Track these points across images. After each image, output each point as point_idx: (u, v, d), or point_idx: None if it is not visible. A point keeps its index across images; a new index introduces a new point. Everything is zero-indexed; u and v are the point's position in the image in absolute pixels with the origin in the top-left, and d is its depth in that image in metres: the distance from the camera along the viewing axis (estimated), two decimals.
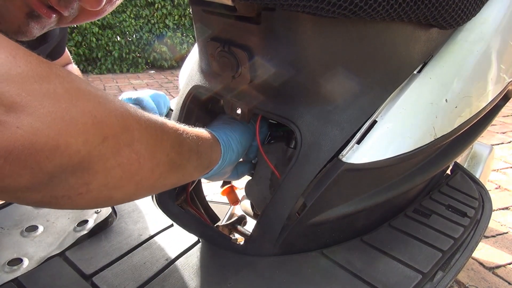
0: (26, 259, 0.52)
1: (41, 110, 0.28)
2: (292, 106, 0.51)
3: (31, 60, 0.29)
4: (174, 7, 4.42)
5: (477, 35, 0.58)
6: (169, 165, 0.40)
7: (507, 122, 2.56)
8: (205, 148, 0.48)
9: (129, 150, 0.34)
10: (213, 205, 0.77)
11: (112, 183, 0.34)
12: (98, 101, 0.32)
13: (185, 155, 0.43)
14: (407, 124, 0.52)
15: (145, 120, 0.37)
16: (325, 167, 0.50)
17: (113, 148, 0.33)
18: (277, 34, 0.46)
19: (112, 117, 0.33)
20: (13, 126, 0.26)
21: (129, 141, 0.34)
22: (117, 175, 0.34)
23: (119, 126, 0.33)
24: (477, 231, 0.58)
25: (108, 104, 0.33)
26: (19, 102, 0.27)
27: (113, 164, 0.33)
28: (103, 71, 4.31)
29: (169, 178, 0.42)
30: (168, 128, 0.41)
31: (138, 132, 0.35)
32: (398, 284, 0.47)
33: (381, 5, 0.41)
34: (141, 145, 0.36)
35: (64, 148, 0.29)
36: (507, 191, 1.63)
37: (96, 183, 0.33)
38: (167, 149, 0.40)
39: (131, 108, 0.36)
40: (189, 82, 0.62)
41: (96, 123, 0.31)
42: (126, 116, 0.34)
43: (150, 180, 0.38)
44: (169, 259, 0.52)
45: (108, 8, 0.54)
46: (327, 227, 0.54)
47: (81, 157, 0.30)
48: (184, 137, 0.43)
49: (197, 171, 0.48)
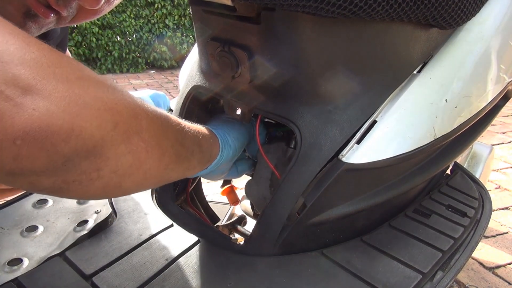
0: (26, 259, 0.52)
1: (56, 94, 0.28)
2: (292, 106, 0.51)
3: (43, 48, 0.30)
4: (174, 7, 4.42)
5: (477, 35, 0.58)
6: (175, 156, 0.41)
7: (507, 122, 2.56)
8: (206, 142, 0.49)
9: (138, 138, 0.35)
10: (213, 205, 0.77)
11: (122, 170, 0.35)
12: (107, 89, 0.33)
13: (188, 148, 0.44)
14: (407, 124, 0.52)
15: (151, 111, 0.38)
16: (325, 167, 0.50)
17: (123, 134, 0.34)
18: (277, 34, 0.46)
19: (121, 105, 0.34)
20: (29, 108, 0.27)
21: (138, 129, 0.35)
22: (128, 162, 0.35)
23: (129, 114, 0.34)
24: (477, 231, 0.58)
25: (117, 93, 0.34)
26: (34, 85, 0.27)
27: (124, 151, 0.34)
28: (103, 71, 4.31)
29: (175, 169, 0.43)
30: (172, 121, 0.42)
31: (145, 121, 0.36)
32: (398, 284, 0.47)
33: (381, 5, 0.41)
34: (149, 134, 0.37)
35: (78, 131, 0.30)
36: (507, 191, 1.63)
37: (107, 169, 0.34)
38: (172, 140, 0.41)
39: (138, 99, 0.37)
40: (189, 82, 0.62)
41: (108, 109, 0.32)
42: (134, 105, 0.35)
43: (157, 170, 0.39)
44: (169, 259, 0.52)
45: (106, 7, 0.54)
46: (327, 227, 0.54)
47: (95, 142, 0.31)
48: (187, 130, 0.45)
49: (200, 165, 0.49)
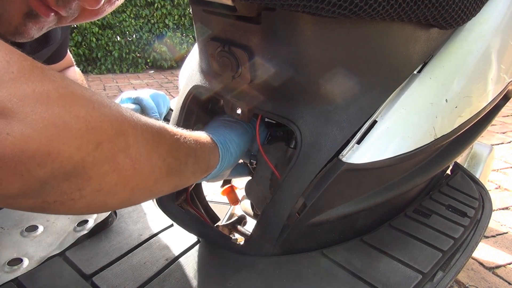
0: (26, 259, 0.52)
1: (33, 116, 0.27)
2: (292, 106, 0.51)
3: (25, 65, 0.28)
4: (174, 7, 4.42)
5: (477, 35, 0.58)
6: (166, 170, 0.40)
7: (507, 122, 2.56)
8: (203, 152, 0.48)
9: (124, 155, 0.34)
10: (213, 205, 0.76)
11: (107, 188, 0.34)
12: (92, 106, 0.31)
13: (182, 160, 0.42)
14: (407, 124, 0.52)
15: (141, 125, 0.36)
16: (325, 167, 0.50)
17: (107, 153, 0.32)
18: (277, 34, 0.46)
19: (107, 122, 0.32)
20: (3, 132, 0.26)
21: (124, 146, 0.34)
22: (112, 181, 0.34)
23: (114, 131, 0.33)
24: (477, 231, 0.58)
25: (103, 109, 0.32)
26: (10, 108, 0.26)
27: (107, 170, 0.33)
28: (103, 71, 4.31)
29: (166, 183, 0.41)
30: (166, 132, 0.40)
31: (133, 137, 0.35)
32: (398, 284, 0.47)
33: (381, 5, 0.41)
34: (137, 151, 0.35)
35: (56, 155, 0.28)
36: (507, 191, 1.63)
37: (89, 188, 0.32)
38: (164, 154, 0.39)
39: (127, 113, 0.35)
40: (189, 82, 0.62)
41: (90, 129, 0.30)
42: (121, 121, 0.34)
43: (145, 186, 0.38)
44: (169, 259, 0.52)
45: (107, 8, 0.54)
46: (327, 227, 0.54)
47: (74, 164, 0.30)
48: (182, 141, 0.43)
49: (195, 176, 0.47)
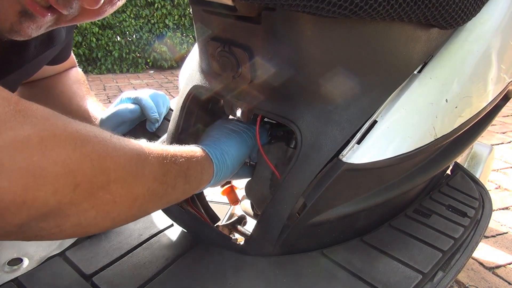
0: (26, 259, 0.52)
1: (11, 167, 0.26)
2: (292, 106, 0.51)
3: (7, 111, 0.27)
4: (174, 7, 4.42)
5: (477, 35, 0.58)
6: (150, 197, 0.39)
7: (507, 122, 2.56)
8: (195, 171, 0.47)
9: (103, 192, 0.33)
10: (213, 205, 0.76)
11: (86, 222, 0.34)
12: (74, 146, 0.30)
13: (170, 183, 0.42)
14: (407, 124, 0.52)
15: (125, 157, 0.35)
16: (325, 167, 0.50)
17: (85, 193, 0.32)
18: (277, 34, 0.46)
19: (87, 163, 0.31)
20: None
21: (104, 183, 0.33)
22: (91, 216, 0.33)
23: (94, 171, 0.32)
24: (477, 231, 0.58)
25: (85, 148, 0.31)
26: None
27: (86, 207, 0.32)
28: (103, 71, 4.31)
29: (150, 207, 0.41)
30: (153, 159, 0.39)
31: (114, 173, 0.34)
32: (398, 284, 0.47)
33: (382, 5, 0.41)
34: (117, 185, 0.34)
35: (31, 202, 0.28)
36: (507, 191, 1.63)
37: (68, 224, 0.32)
38: (149, 182, 0.38)
39: (111, 143, 0.34)
40: (189, 82, 0.62)
41: (68, 172, 0.30)
42: (103, 157, 0.33)
43: (128, 214, 0.38)
44: (169, 259, 0.52)
45: (108, 9, 0.54)
46: (327, 227, 0.54)
47: (50, 207, 0.29)
48: (171, 164, 0.42)
49: (185, 195, 0.47)
